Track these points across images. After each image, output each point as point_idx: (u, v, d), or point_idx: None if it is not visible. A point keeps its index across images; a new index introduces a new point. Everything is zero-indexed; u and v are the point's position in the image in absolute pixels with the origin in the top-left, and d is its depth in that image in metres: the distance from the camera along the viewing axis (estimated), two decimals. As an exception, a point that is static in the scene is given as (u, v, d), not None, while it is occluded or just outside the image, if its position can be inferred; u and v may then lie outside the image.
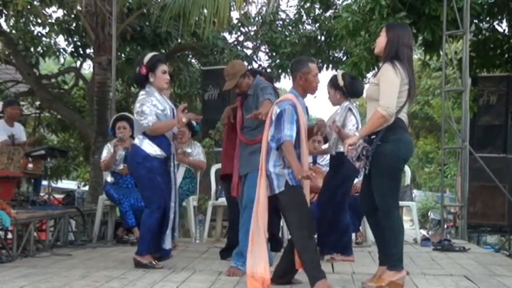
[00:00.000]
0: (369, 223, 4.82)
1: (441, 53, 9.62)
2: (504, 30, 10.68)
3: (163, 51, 12.95)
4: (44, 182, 8.69)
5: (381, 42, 4.61)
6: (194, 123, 7.52)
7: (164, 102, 5.50)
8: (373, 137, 4.46)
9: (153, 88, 5.48)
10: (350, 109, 6.01)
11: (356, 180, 6.39)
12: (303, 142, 4.66)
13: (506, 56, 10.47)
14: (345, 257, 5.98)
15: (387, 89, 4.39)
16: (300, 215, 4.52)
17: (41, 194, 8.02)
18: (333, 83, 6.08)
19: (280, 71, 12.95)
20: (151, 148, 5.38)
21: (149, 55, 5.59)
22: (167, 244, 5.47)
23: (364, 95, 6.08)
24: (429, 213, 20.35)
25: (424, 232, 12.83)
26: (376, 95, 4.45)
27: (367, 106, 4.61)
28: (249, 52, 13.92)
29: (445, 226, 9.57)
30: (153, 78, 5.47)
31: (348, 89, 6.11)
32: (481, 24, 10.46)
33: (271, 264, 4.72)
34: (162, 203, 5.40)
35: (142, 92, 5.53)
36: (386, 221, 4.47)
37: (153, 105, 5.39)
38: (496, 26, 10.66)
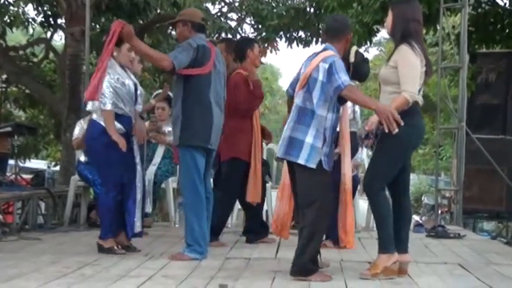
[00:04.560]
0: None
1: (438, 27, 9.62)
2: (505, 4, 10.70)
3: (141, 22, 12.82)
4: (11, 161, 8.63)
5: (388, 22, 4.62)
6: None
7: (126, 76, 5.44)
8: None
9: (115, 62, 5.40)
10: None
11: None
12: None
13: (507, 31, 10.49)
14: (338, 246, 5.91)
15: (410, 73, 4.37)
16: (324, 202, 4.45)
17: (8, 174, 7.97)
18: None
19: (266, 45, 12.89)
20: None
21: None
22: (137, 227, 5.45)
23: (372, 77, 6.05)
24: (423, 198, 20.49)
25: (417, 218, 12.91)
26: (393, 78, 4.44)
27: (381, 89, 4.59)
28: (233, 24, 13.85)
29: (439, 211, 9.64)
30: (117, 53, 5.40)
31: (355, 68, 6.11)
32: (480, -3, 10.48)
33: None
34: (117, 180, 5.36)
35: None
36: (372, 204, 4.54)
37: (112, 79, 5.29)
38: (497, -1, 10.69)
